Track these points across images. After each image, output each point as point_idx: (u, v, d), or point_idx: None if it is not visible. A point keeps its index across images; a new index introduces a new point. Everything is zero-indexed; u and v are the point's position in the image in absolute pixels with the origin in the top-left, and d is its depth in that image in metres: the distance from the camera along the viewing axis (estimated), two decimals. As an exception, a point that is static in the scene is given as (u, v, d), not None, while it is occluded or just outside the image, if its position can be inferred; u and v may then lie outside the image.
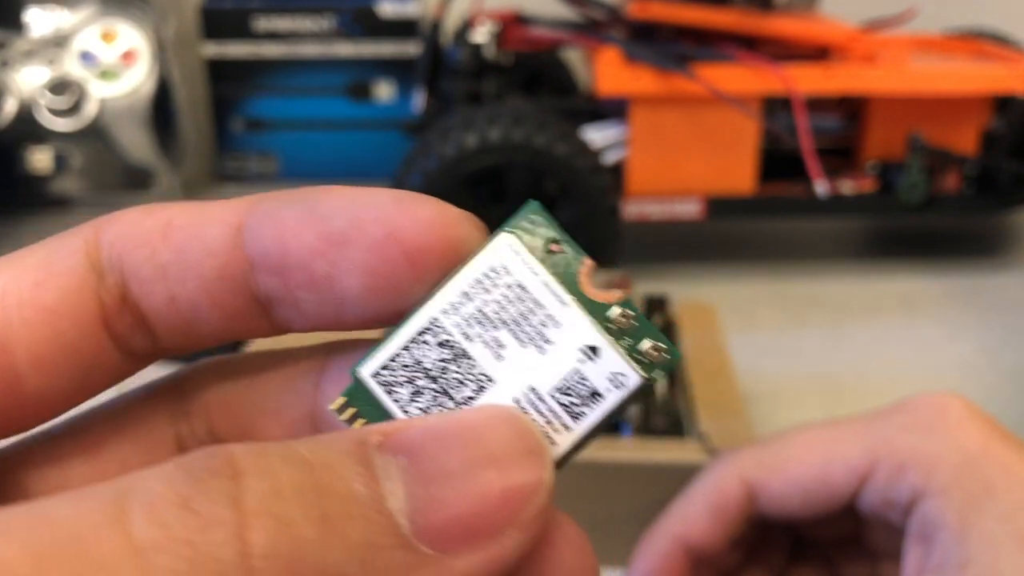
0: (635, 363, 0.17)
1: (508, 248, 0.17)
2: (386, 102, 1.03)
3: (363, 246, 0.16)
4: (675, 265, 0.82)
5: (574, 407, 0.17)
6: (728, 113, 0.74)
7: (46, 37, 0.96)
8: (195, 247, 0.17)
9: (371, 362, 0.17)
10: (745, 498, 0.32)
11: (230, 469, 0.13)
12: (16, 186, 0.96)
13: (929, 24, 0.89)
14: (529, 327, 0.17)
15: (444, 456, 0.14)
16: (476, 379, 0.17)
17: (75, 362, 0.17)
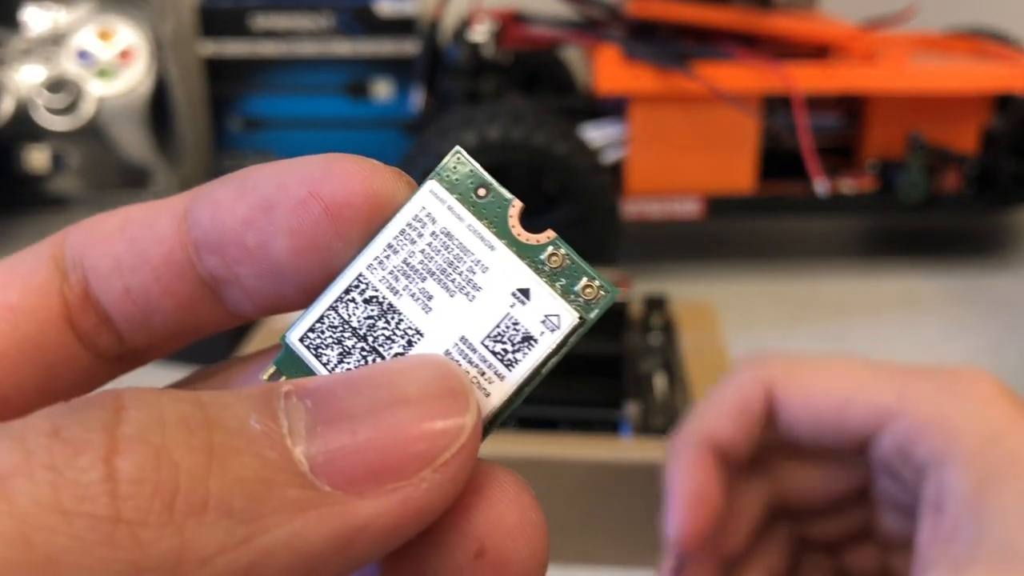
0: (570, 302, 0.16)
1: (432, 195, 0.16)
2: (385, 101, 1.02)
3: (287, 208, 0.16)
4: (674, 264, 0.82)
5: (507, 355, 0.16)
6: (728, 112, 0.73)
7: (43, 35, 0.95)
8: (145, 237, 0.17)
9: (298, 327, 0.16)
10: (765, 407, 0.32)
11: (113, 403, 0.13)
12: (13, 185, 0.96)
13: (929, 23, 0.89)
14: (457, 275, 0.16)
15: (353, 398, 0.14)
16: (405, 333, 0.16)
17: (39, 360, 0.17)
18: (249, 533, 0.12)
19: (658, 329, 0.57)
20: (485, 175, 0.16)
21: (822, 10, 0.85)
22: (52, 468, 0.12)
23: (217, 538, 0.12)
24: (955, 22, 0.93)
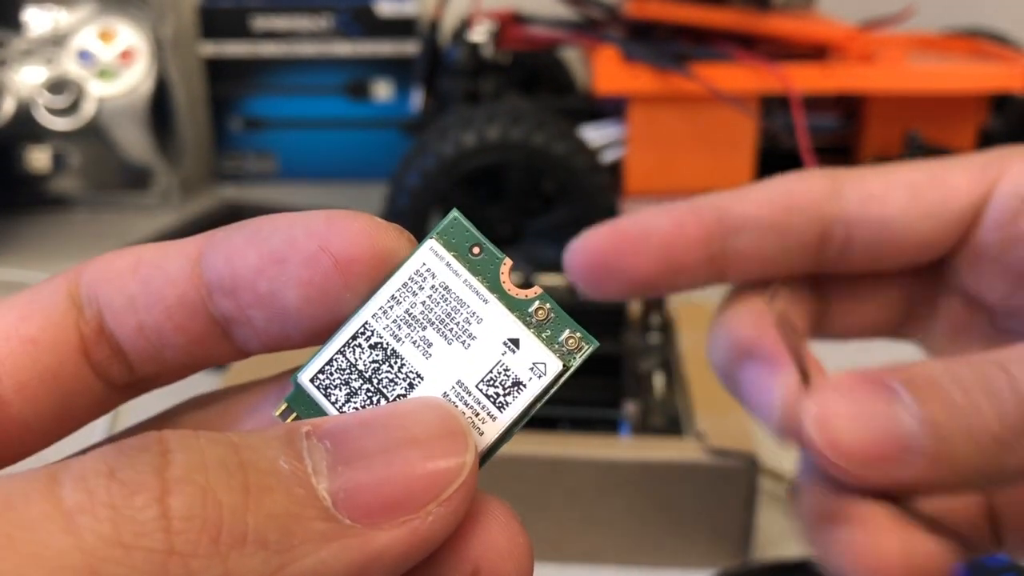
0: (555, 352, 0.18)
1: (432, 253, 0.18)
2: (384, 101, 1.03)
3: (298, 261, 0.17)
4: (673, 264, 0.82)
5: (499, 397, 0.17)
6: (726, 112, 0.74)
7: (44, 36, 0.96)
8: (158, 278, 0.18)
9: (309, 368, 0.18)
10: (815, 220, 0.26)
11: (159, 446, 0.14)
12: (14, 185, 0.96)
13: (927, 23, 0.89)
14: (454, 325, 0.18)
15: (367, 438, 0.16)
16: (407, 377, 0.18)
17: (56, 389, 0.18)
18: (282, 562, 0.14)
19: (657, 329, 0.57)
20: (479, 235, 0.18)
21: (820, 11, 0.85)
22: (112, 507, 0.13)
23: (255, 567, 0.14)
24: (952, 22, 0.93)
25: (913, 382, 0.20)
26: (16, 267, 0.82)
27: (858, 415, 0.20)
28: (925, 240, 0.25)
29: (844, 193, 0.26)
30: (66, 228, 0.94)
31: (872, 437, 0.20)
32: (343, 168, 1.05)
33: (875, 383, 0.20)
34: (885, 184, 0.25)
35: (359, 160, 1.04)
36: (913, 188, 0.25)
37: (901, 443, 0.20)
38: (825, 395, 0.21)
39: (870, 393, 0.20)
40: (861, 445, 0.20)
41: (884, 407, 0.20)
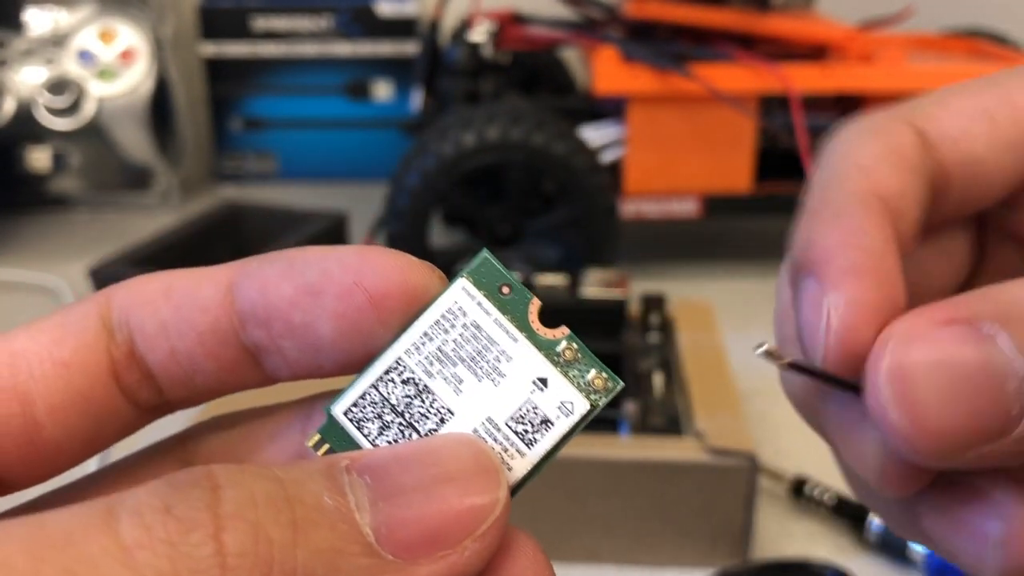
0: (581, 391, 0.18)
1: (463, 292, 0.18)
2: (384, 101, 1.03)
3: (333, 294, 0.18)
4: (672, 263, 0.82)
5: (528, 434, 0.18)
6: (725, 112, 0.74)
7: (45, 36, 0.96)
8: (191, 304, 0.19)
9: (342, 400, 0.18)
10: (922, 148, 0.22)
11: (209, 482, 0.14)
12: (15, 185, 0.97)
13: (926, 23, 0.89)
14: (484, 362, 0.18)
15: (405, 475, 0.16)
16: (438, 412, 0.18)
17: (88, 412, 0.18)
18: None
19: (656, 328, 0.57)
20: (509, 275, 0.19)
21: (819, 11, 0.85)
22: (169, 543, 0.14)
23: None
24: (952, 23, 0.93)
25: (1009, 317, 0.17)
26: (16, 267, 0.82)
27: (947, 377, 0.16)
28: (1008, 175, 0.22)
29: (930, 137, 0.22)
30: (66, 228, 0.94)
31: (970, 409, 0.16)
32: (343, 168, 1.05)
33: (962, 323, 0.17)
34: (962, 116, 0.22)
35: (359, 160, 1.04)
36: (990, 116, 0.22)
37: (1003, 408, 0.16)
38: (900, 343, 0.17)
39: (959, 340, 0.17)
40: (956, 422, 0.16)
41: (979, 359, 0.16)
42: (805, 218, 0.21)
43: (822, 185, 0.21)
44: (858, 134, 0.22)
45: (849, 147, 0.22)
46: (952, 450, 0.17)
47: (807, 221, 0.20)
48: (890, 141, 0.22)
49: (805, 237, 0.20)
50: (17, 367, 0.18)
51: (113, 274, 0.66)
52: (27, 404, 0.18)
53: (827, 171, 0.22)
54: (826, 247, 0.19)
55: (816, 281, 0.19)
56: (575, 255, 0.71)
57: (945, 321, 0.17)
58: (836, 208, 0.20)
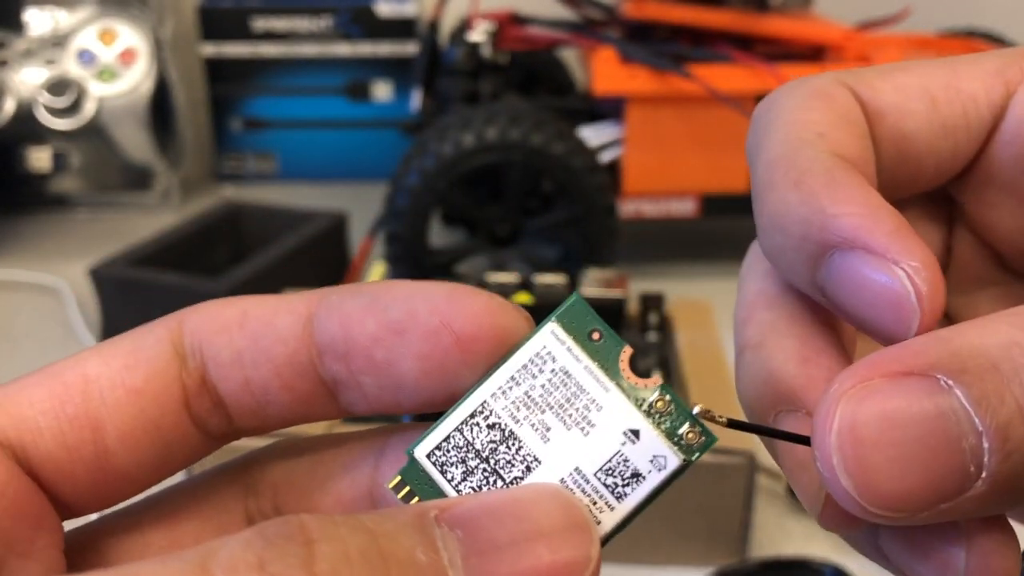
0: (675, 446, 0.17)
1: (553, 336, 0.18)
2: (384, 102, 1.03)
3: (419, 335, 0.17)
4: (671, 263, 0.82)
5: (617, 487, 0.17)
6: (724, 112, 0.74)
7: (45, 37, 0.96)
8: (268, 335, 0.18)
9: (425, 443, 0.18)
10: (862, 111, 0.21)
11: (302, 536, 0.14)
12: (15, 185, 0.97)
13: (923, 24, 0.89)
14: (573, 411, 0.18)
15: (496, 529, 0.16)
16: (524, 459, 0.18)
17: (158, 440, 0.18)
18: None
19: (655, 328, 0.58)
20: (600, 320, 0.18)
21: (817, 11, 0.85)
22: None
23: None
24: (949, 23, 0.94)
25: (965, 370, 0.15)
26: (16, 267, 0.82)
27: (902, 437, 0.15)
28: (944, 162, 0.21)
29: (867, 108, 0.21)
30: (66, 228, 0.94)
31: (926, 470, 0.15)
32: (343, 168, 1.05)
33: (918, 376, 0.15)
34: (901, 92, 0.21)
35: (359, 160, 1.04)
36: (930, 97, 0.21)
37: (959, 469, 0.15)
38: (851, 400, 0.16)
39: (914, 395, 0.15)
40: (910, 484, 0.15)
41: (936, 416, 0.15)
42: (785, 188, 0.19)
43: (781, 152, 0.19)
44: (803, 98, 0.21)
45: (796, 112, 0.20)
46: (905, 513, 0.16)
47: (793, 191, 0.18)
48: (837, 107, 0.20)
49: (811, 209, 0.18)
50: (90, 393, 0.18)
51: (113, 274, 0.67)
52: (98, 431, 0.17)
53: (777, 136, 0.20)
54: (857, 214, 0.17)
55: (867, 253, 0.17)
56: (574, 255, 0.72)
57: (900, 373, 0.16)
58: (823, 176, 0.18)
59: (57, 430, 0.17)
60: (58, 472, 0.17)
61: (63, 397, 0.17)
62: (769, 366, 0.19)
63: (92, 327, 0.71)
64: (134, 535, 0.19)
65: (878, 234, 0.17)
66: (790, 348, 0.19)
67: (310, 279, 0.70)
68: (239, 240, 0.78)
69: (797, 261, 0.18)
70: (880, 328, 0.17)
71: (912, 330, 0.17)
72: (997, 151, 0.21)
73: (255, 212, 0.80)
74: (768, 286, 0.21)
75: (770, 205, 0.19)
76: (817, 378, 0.18)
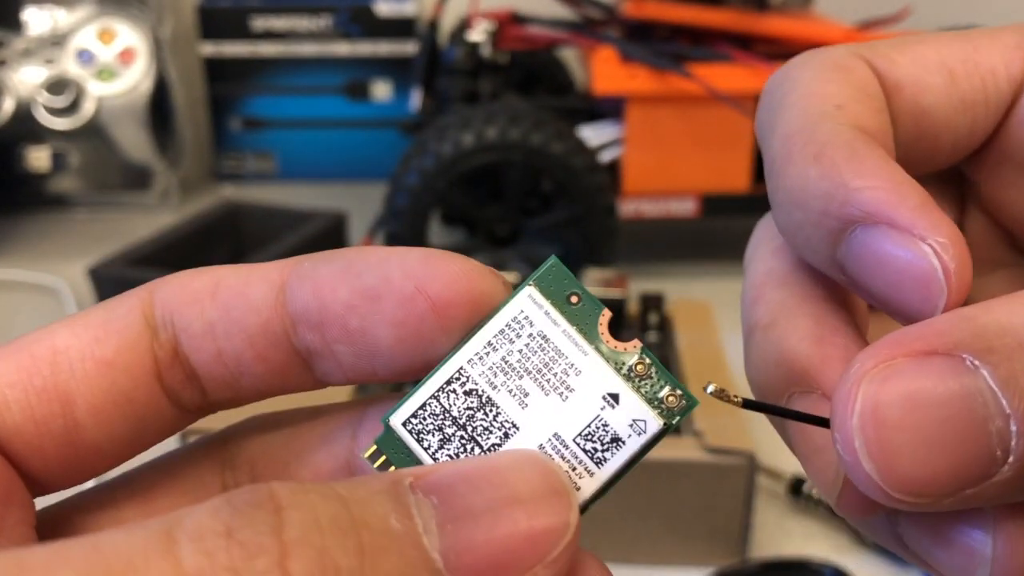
0: (655, 409, 0.17)
1: (530, 300, 0.17)
2: (383, 101, 1.03)
3: (393, 300, 0.17)
4: (671, 263, 0.82)
5: (597, 453, 0.17)
6: (724, 112, 0.74)
7: (44, 36, 0.96)
8: (240, 304, 0.18)
9: (401, 411, 0.17)
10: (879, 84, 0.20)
11: (272, 503, 0.14)
12: (14, 185, 0.97)
13: (923, 23, 0.89)
14: (552, 375, 0.17)
15: (473, 496, 0.15)
16: (502, 426, 0.17)
17: (130, 413, 0.18)
18: None
19: (655, 327, 0.58)
20: (579, 283, 0.18)
21: (817, 11, 0.85)
22: (233, 571, 0.13)
23: None
24: (948, 23, 0.94)
25: (991, 349, 0.15)
26: (16, 267, 0.82)
27: (927, 419, 0.15)
28: (963, 138, 0.21)
29: (884, 81, 0.20)
30: (65, 228, 0.94)
31: (952, 454, 0.15)
32: (342, 168, 1.05)
33: (942, 356, 0.15)
34: (918, 64, 0.20)
35: (358, 160, 1.04)
36: (948, 70, 0.20)
37: (985, 453, 0.15)
38: (873, 380, 0.15)
39: (939, 375, 0.15)
40: (935, 469, 0.15)
41: (962, 397, 0.14)
42: (791, 164, 0.18)
43: (798, 125, 0.19)
44: (819, 70, 0.20)
45: (813, 85, 0.19)
46: (929, 498, 0.15)
47: (812, 166, 0.18)
48: (854, 79, 0.20)
49: (833, 184, 0.17)
50: (59, 365, 0.17)
51: (112, 274, 0.67)
52: (68, 404, 0.17)
53: (794, 109, 0.19)
54: (880, 188, 0.17)
55: (891, 228, 0.16)
56: (574, 254, 0.72)
57: (924, 352, 0.15)
58: (844, 149, 0.17)
59: (25, 403, 0.17)
60: (27, 446, 0.17)
61: (31, 369, 0.17)
62: (782, 346, 0.19)
63: (91, 327, 0.71)
64: (108, 511, 0.19)
65: (903, 209, 0.16)
66: (803, 327, 0.19)
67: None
68: (238, 240, 0.78)
69: (816, 237, 0.18)
70: (904, 307, 0.17)
71: (939, 309, 0.16)
72: (1015, 128, 0.20)
73: (254, 212, 0.80)
74: (778, 265, 0.20)
75: (788, 180, 0.18)
76: (833, 358, 0.18)
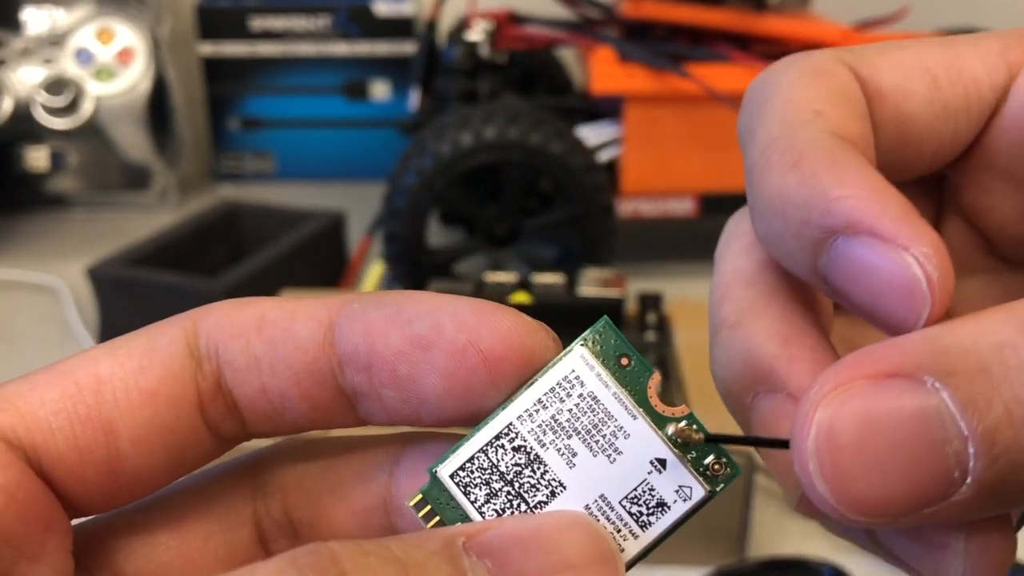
0: (700, 476, 0.17)
1: (581, 360, 0.18)
2: (382, 101, 1.03)
3: (444, 351, 0.17)
4: (669, 262, 0.82)
5: (643, 516, 0.17)
6: (722, 112, 0.74)
7: (42, 36, 0.96)
8: (287, 341, 0.18)
9: (449, 462, 0.18)
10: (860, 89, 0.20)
11: (334, 567, 0.14)
12: (13, 185, 0.97)
13: (920, 23, 0.89)
14: (600, 437, 0.17)
15: (525, 560, 0.15)
16: (549, 484, 0.17)
17: (170, 443, 0.18)
18: None
19: (653, 327, 0.58)
20: (629, 345, 0.18)
21: (815, 11, 0.85)
22: None
23: None
24: (946, 23, 0.94)
25: (953, 371, 0.15)
26: (14, 267, 0.82)
27: (883, 441, 0.15)
28: (945, 145, 0.20)
29: (866, 86, 0.20)
30: (64, 227, 0.94)
31: (907, 476, 0.15)
32: (341, 168, 1.05)
33: (899, 373, 0.15)
34: (900, 71, 0.20)
35: (357, 160, 1.04)
36: (932, 77, 0.20)
37: (942, 476, 0.15)
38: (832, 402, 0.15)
39: (893, 394, 0.15)
40: (890, 491, 0.15)
41: (915, 416, 0.14)
42: (769, 172, 0.18)
43: (777, 132, 0.18)
44: (799, 75, 0.19)
45: (793, 90, 0.19)
46: (885, 519, 0.15)
47: (792, 173, 0.17)
48: (835, 84, 0.19)
49: (811, 192, 0.17)
50: (103, 394, 0.17)
51: (111, 274, 0.67)
52: (111, 434, 0.17)
53: (773, 115, 0.19)
54: (862, 197, 0.16)
55: (873, 238, 0.16)
56: (572, 254, 0.72)
57: (885, 374, 0.15)
58: (824, 157, 0.17)
59: (69, 431, 0.17)
60: (69, 473, 0.17)
61: (76, 398, 0.17)
62: (748, 346, 0.19)
63: (90, 327, 0.71)
64: (142, 535, 0.19)
65: (885, 218, 0.16)
66: (770, 327, 0.19)
67: (308, 279, 0.70)
68: (237, 240, 0.78)
69: (797, 247, 0.17)
70: (888, 317, 0.16)
71: (923, 319, 0.16)
72: (997, 135, 0.20)
73: (253, 211, 0.80)
74: (745, 264, 0.20)
75: (767, 188, 0.18)
76: (799, 358, 0.18)
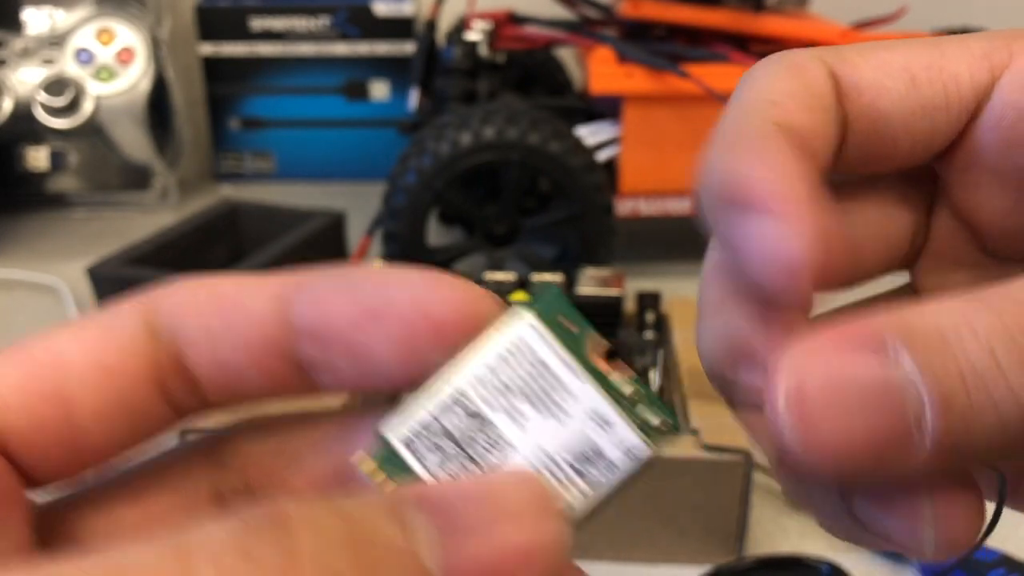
0: (643, 434, 0.18)
1: (529, 326, 0.18)
2: (381, 101, 1.03)
3: (395, 319, 0.18)
4: (668, 261, 0.83)
5: (588, 474, 0.18)
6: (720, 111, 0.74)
7: (43, 36, 0.96)
8: (242, 316, 0.18)
9: (400, 427, 0.18)
10: (833, 90, 0.21)
11: (283, 522, 0.14)
12: (13, 184, 0.97)
13: (919, 23, 0.90)
14: (548, 399, 0.18)
15: (469, 513, 0.16)
16: (498, 446, 0.18)
17: (129, 416, 0.18)
18: None
19: (652, 326, 0.58)
20: (576, 312, 0.19)
21: (813, 11, 0.86)
22: None
23: None
24: (944, 23, 0.94)
25: (914, 338, 0.16)
26: (15, 266, 0.82)
27: (845, 394, 0.16)
28: (921, 140, 0.21)
29: (842, 83, 0.21)
30: (64, 227, 0.94)
31: (867, 429, 0.16)
32: (341, 168, 1.05)
33: (864, 339, 0.16)
34: (880, 70, 0.21)
35: (357, 160, 1.05)
36: (910, 76, 0.21)
37: (902, 431, 0.16)
38: (800, 360, 0.17)
39: (860, 357, 0.16)
40: (852, 441, 0.16)
41: (879, 377, 0.16)
42: (717, 150, 0.20)
43: (733, 118, 0.21)
44: (774, 71, 0.21)
45: (763, 83, 0.21)
46: (850, 471, 0.16)
47: (721, 153, 0.20)
48: (803, 78, 0.21)
49: (726, 169, 0.19)
50: (60, 369, 0.18)
51: (111, 273, 0.67)
52: (68, 407, 0.18)
53: (739, 105, 0.21)
54: (766, 179, 0.19)
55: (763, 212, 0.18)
56: (571, 253, 0.72)
57: (849, 338, 0.16)
58: (751, 141, 0.19)
59: (28, 407, 0.17)
60: (27, 447, 0.18)
61: (34, 375, 0.18)
62: (728, 325, 0.21)
63: (90, 326, 0.71)
64: (103, 510, 0.19)
65: (782, 200, 0.18)
66: (750, 307, 0.20)
67: (308, 278, 0.71)
68: (237, 239, 0.79)
69: (712, 220, 0.20)
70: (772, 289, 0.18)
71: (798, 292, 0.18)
72: (981, 134, 0.21)
73: (253, 211, 0.80)
74: None
75: (705, 163, 0.20)
76: (775, 333, 0.20)
